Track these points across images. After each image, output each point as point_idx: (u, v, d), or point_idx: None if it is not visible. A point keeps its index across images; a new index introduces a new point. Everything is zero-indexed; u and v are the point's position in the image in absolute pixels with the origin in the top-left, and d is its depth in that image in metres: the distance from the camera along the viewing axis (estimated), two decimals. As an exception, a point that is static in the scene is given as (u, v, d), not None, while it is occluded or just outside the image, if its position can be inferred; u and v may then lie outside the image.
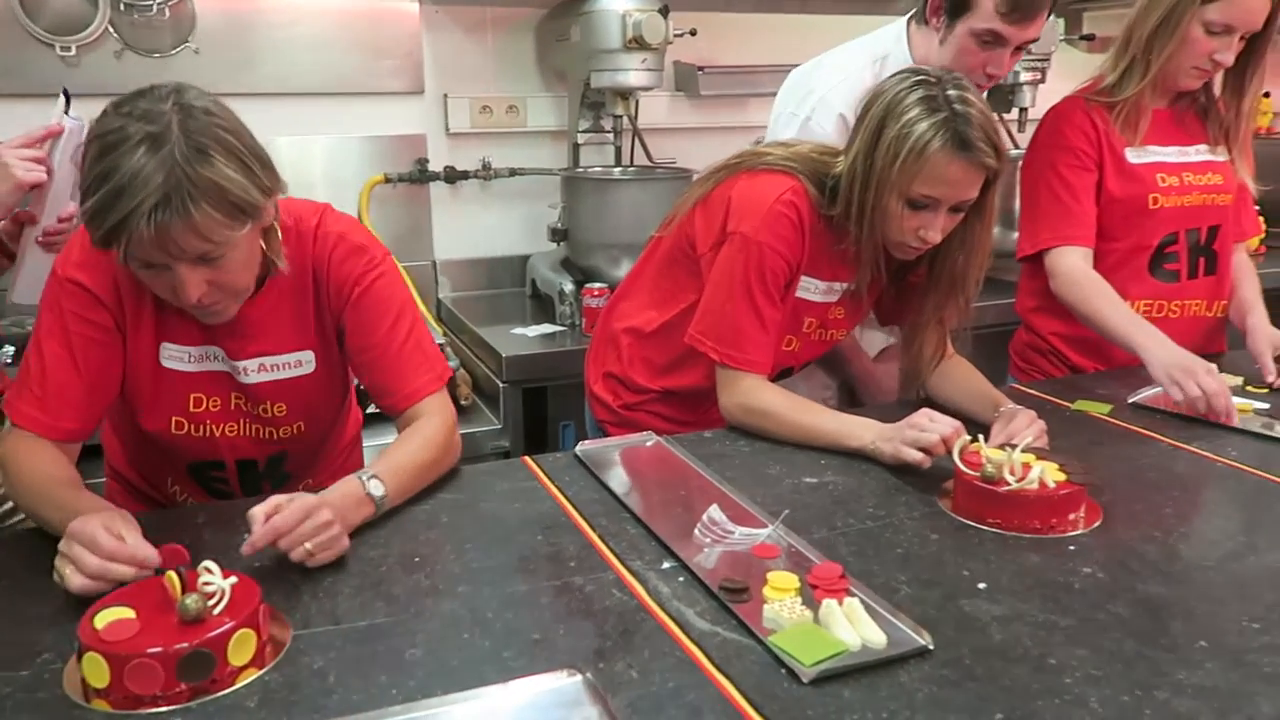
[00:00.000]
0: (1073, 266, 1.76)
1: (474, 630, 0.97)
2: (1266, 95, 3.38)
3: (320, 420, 1.41)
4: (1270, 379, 1.66)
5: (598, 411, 1.72)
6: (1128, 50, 1.75)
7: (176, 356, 1.27)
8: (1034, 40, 1.69)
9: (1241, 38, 1.67)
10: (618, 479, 1.32)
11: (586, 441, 1.44)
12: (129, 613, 0.90)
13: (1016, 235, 1.89)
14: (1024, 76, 2.61)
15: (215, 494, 1.41)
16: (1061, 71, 2.68)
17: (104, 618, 0.89)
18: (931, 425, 1.31)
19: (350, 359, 1.35)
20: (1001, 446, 1.28)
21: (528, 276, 2.71)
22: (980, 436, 1.29)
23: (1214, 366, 1.54)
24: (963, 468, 1.22)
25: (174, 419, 1.31)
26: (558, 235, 2.55)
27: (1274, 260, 3.10)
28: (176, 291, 1.13)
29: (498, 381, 2.21)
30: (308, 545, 1.06)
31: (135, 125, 1.04)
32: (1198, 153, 1.80)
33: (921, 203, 1.36)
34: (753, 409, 1.47)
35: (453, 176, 2.66)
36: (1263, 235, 3.15)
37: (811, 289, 1.53)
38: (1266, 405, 1.57)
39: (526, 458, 1.42)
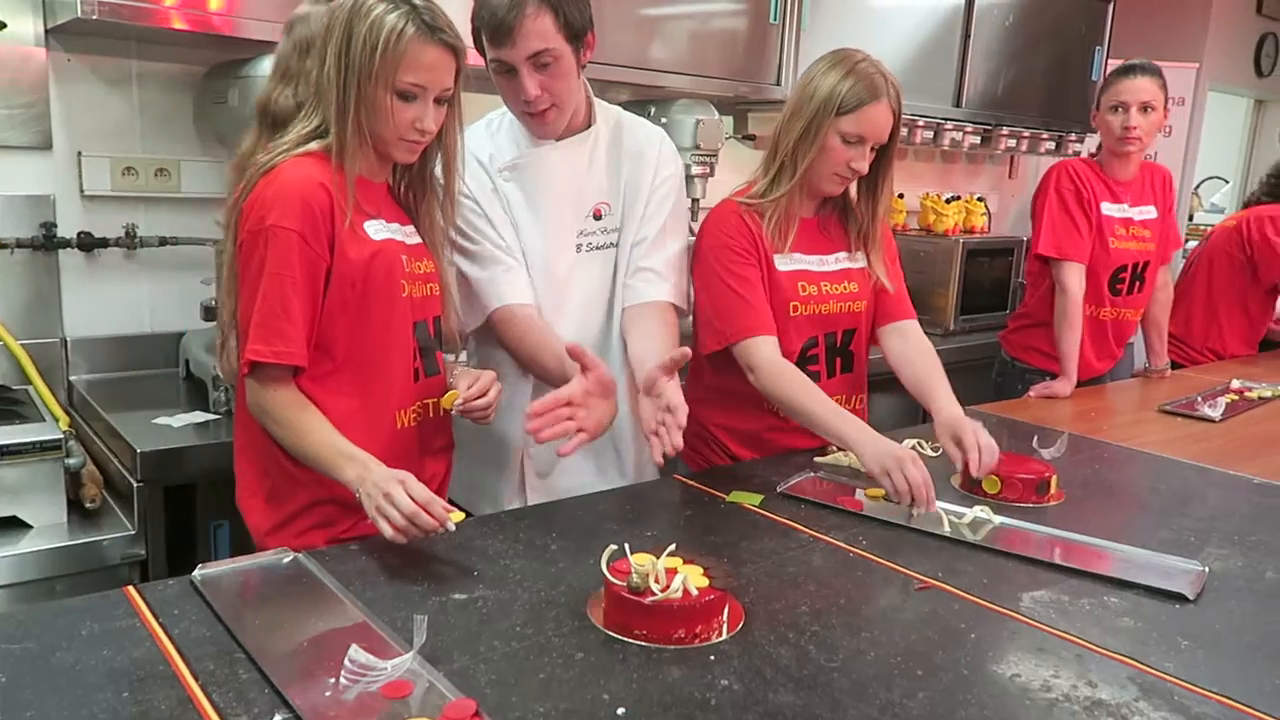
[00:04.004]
0: (771, 359, 1.81)
1: (8, 836, 0.79)
2: (901, 196, 3.82)
3: None
4: (973, 471, 1.69)
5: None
6: (776, 156, 1.88)
7: None
8: (538, 53, 1.66)
9: (872, 148, 1.84)
10: (237, 610, 1.17)
11: (206, 564, 1.27)
12: None
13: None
14: (695, 170, 2.74)
15: None
16: (730, 165, 2.88)
17: None
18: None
19: None
20: None
21: (180, 357, 2.44)
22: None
23: (917, 457, 1.60)
24: (610, 578, 1.19)
25: None
26: (212, 313, 2.31)
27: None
28: None
29: (131, 480, 1.94)
30: None
31: None
32: (836, 261, 1.95)
33: (411, 93, 1.42)
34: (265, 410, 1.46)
35: (89, 244, 2.34)
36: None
37: (378, 230, 1.52)
38: (894, 491, 1.69)
39: (130, 588, 1.22)
